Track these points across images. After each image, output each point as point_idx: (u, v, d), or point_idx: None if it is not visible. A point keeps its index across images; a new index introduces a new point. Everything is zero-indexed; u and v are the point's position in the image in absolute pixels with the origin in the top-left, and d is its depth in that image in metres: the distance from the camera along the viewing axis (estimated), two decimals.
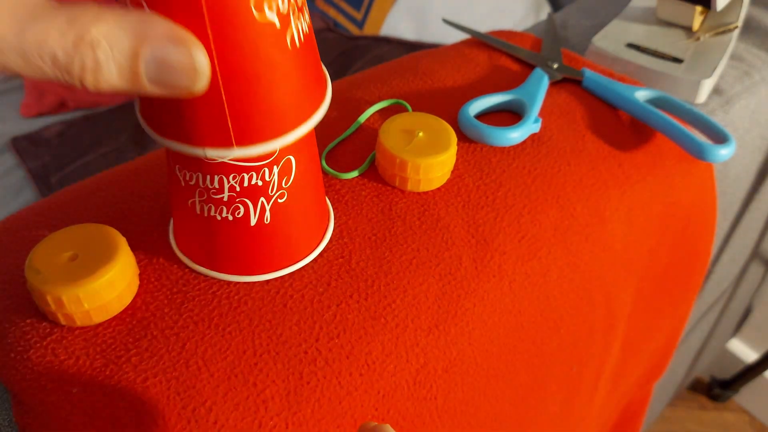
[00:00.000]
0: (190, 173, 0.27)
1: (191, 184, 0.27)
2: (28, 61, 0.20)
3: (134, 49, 0.20)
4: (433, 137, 0.37)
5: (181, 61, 0.21)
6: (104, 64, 0.20)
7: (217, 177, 0.26)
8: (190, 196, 0.28)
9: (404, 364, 0.31)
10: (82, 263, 0.28)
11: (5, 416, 0.27)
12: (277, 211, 0.29)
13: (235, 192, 0.27)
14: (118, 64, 0.20)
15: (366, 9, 0.95)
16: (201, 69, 0.21)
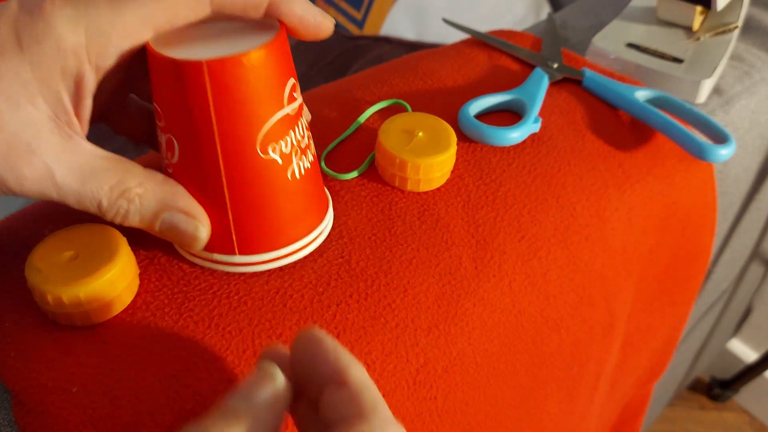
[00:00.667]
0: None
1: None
2: (81, 203, 0.27)
3: (157, 212, 0.28)
4: (433, 137, 0.37)
5: (188, 230, 0.28)
6: (132, 215, 0.28)
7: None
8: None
9: (404, 363, 0.31)
10: (83, 263, 0.28)
11: (5, 416, 0.27)
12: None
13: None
14: (141, 217, 0.28)
15: (366, 9, 0.95)
16: (200, 238, 0.29)
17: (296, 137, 0.29)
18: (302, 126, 0.29)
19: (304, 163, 0.30)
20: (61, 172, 0.26)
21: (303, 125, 0.29)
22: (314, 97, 0.44)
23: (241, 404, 0.22)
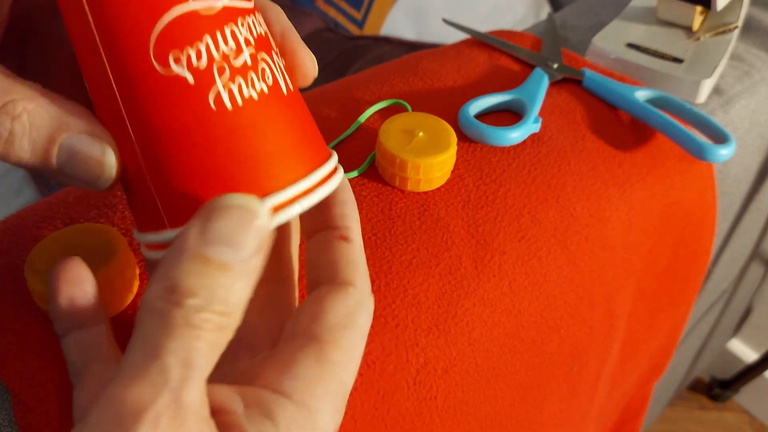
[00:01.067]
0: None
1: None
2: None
3: (53, 134, 0.20)
4: (433, 137, 0.37)
5: (92, 155, 0.20)
6: (18, 137, 0.20)
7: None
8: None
9: (404, 363, 0.31)
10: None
11: (5, 416, 0.27)
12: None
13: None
14: (32, 142, 0.20)
15: (366, 9, 0.95)
16: (108, 165, 0.21)
17: (224, 47, 0.20)
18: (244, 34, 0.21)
19: (246, 88, 0.21)
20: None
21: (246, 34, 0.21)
22: (314, 97, 0.44)
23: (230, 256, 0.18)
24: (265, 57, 0.21)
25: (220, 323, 0.18)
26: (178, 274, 0.18)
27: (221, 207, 0.18)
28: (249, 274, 0.18)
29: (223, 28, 0.20)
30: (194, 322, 0.17)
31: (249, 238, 0.18)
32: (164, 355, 0.17)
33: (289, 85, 0.22)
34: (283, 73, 0.22)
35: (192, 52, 0.20)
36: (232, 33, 0.20)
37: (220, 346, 0.18)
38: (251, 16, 0.21)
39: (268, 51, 0.21)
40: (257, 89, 0.21)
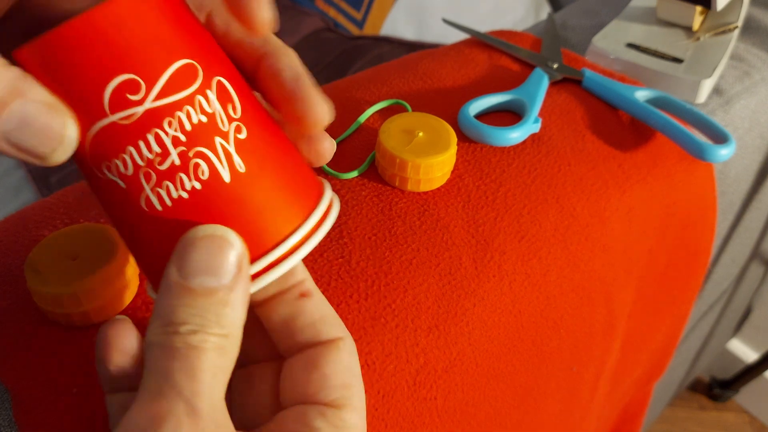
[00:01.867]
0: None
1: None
2: None
3: (3, 99, 0.18)
4: (433, 137, 0.37)
5: (51, 125, 0.19)
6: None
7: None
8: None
9: (404, 364, 0.31)
10: (82, 263, 0.28)
11: (5, 416, 0.27)
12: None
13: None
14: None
15: (366, 9, 0.95)
16: (68, 138, 0.19)
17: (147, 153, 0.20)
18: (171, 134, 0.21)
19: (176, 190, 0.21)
20: None
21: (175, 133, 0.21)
22: None
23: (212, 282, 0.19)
24: (202, 150, 0.21)
25: (219, 344, 0.19)
26: (168, 310, 0.19)
27: (193, 239, 0.20)
28: (237, 295, 0.19)
29: (146, 135, 0.20)
30: (193, 343, 0.19)
31: (226, 263, 0.19)
32: (173, 374, 0.18)
33: (237, 168, 0.21)
34: (229, 157, 0.21)
35: (119, 163, 0.21)
36: (156, 137, 0.20)
37: (224, 369, 0.19)
38: (187, 107, 0.21)
39: (208, 140, 0.21)
40: (187, 188, 0.21)
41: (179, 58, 0.20)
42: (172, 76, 0.20)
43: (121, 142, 0.20)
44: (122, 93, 0.20)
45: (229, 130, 0.21)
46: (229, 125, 0.21)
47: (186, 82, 0.21)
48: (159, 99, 0.20)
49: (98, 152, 0.21)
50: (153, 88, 0.20)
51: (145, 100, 0.20)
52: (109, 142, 0.20)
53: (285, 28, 0.95)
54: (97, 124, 0.20)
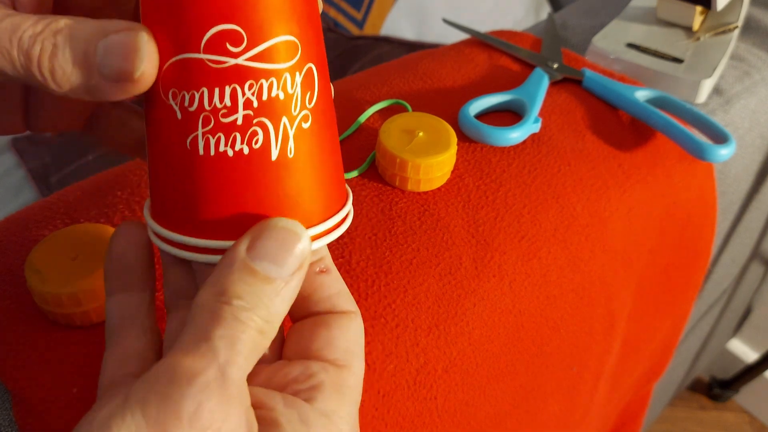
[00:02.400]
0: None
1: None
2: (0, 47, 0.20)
3: (92, 37, 0.20)
4: (433, 137, 0.37)
5: (126, 41, 0.20)
6: (61, 48, 0.20)
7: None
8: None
9: (404, 364, 0.31)
10: (82, 263, 0.28)
11: (5, 416, 0.27)
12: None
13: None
14: (73, 50, 0.20)
15: (366, 9, 0.95)
16: (142, 49, 0.20)
17: (218, 102, 0.21)
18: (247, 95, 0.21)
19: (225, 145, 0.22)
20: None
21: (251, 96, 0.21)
22: None
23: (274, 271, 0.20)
24: (265, 122, 0.22)
25: (261, 327, 0.20)
26: (228, 282, 0.20)
27: (270, 227, 0.21)
28: (289, 289, 0.21)
29: (224, 85, 0.21)
30: (240, 317, 0.19)
31: (292, 258, 0.21)
32: (213, 339, 0.19)
33: (288, 151, 0.22)
34: (286, 139, 0.22)
35: (187, 95, 0.21)
36: (233, 92, 0.21)
37: (258, 349, 0.20)
38: (273, 79, 0.21)
39: (275, 116, 0.22)
40: (236, 149, 0.22)
41: (287, 33, 0.21)
42: (275, 46, 0.21)
43: (199, 80, 0.21)
44: (223, 39, 0.21)
45: (297, 116, 0.22)
46: (300, 111, 0.22)
47: (283, 56, 0.21)
48: (253, 60, 0.21)
49: (173, 77, 0.21)
50: (253, 48, 0.21)
51: (240, 56, 0.21)
52: (189, 74, 0.21)
53: None
54: (186, 54, 0.21)
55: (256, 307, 0.20)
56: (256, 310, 0.20)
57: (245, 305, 0.20)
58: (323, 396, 0.22)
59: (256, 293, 0.20)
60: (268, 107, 0.22)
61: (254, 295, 0.20)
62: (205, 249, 0.22)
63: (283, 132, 0.22)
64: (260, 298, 0.20)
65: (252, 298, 0.20)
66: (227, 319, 0.19)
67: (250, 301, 0.20)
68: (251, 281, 0.20)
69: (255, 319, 0.20)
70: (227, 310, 0.19)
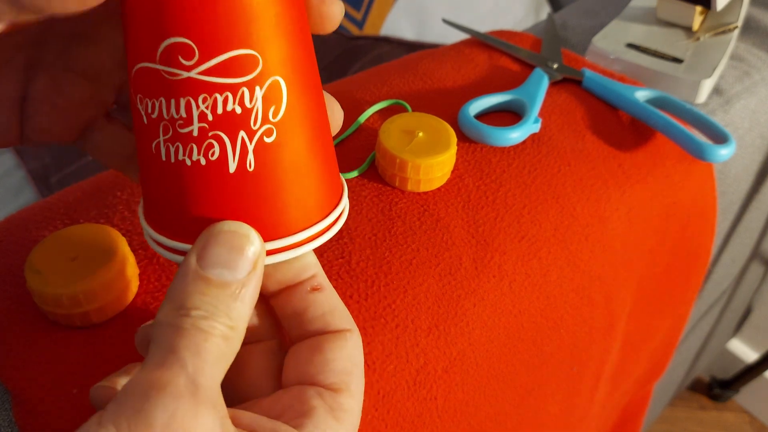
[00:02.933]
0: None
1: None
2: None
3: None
4: (433, 137, 0.37)
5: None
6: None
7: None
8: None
9: (404, 364, 0.31)
10: (82, 263, 0.28)
11: (5, 416, 0.27)
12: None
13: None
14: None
15: (366, 9, 0.95)
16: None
17: (174, 113, 0.21)
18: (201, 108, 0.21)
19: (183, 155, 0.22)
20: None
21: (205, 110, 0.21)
22: None
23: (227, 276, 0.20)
24: (221, 135, 0.22)
25: (224, 333, 0.20)
26: (184, 295, 0.20)
27: (216, 233, 0.21)
28: (247, 292, 0.20)
29: (179, 97, 0.21)
30: (201, 327, 0.19)
31: (243, 260, 0.21)
32: (179, 350, 0.19)
33: (247, 165, 0.22)
34: (244, 153, 0.22)
35: (149, 102, 0.22)
36: (187, 104, 0.21)
37: (226, 356, 0.20)
38: (228, 93, 0.21)
39: (231, 130, 0.22)
40: (193, 159, 0.22)
41: (244, 47, 0.21)
42: (228, 60, 0.21)
43: (157, 89, 0.21)
44: (176, 52, 0.21)
45: (258, 130, 0.22)
46: (262, 125, 0.22)
47: (239, 71, 0.21)
48: (204, 74, 0.21)
49: (139, 83, 0.22)
50: (205, 62, 0.21)
51: (192, 69, 0.21)
52: (149, 82, 0.21)
53: None
54: (146, 63, 0.21)
55: (215, 315, 0.20)
56: (216, 317, 0.20)
57: (204, 314, 0.20)
58: (315, 422, 0.22)
59: (212, 302, 0.20)
60: (223, 121, 0.21)
61: (211, 304, 0.20)
62: (170, 248, 0.23)
63: (241, 145, 0.22)
64: (217, 305, 0.20)
65: (209, 306, 0.20)
66: (189, 329, 0.19)
67: (209, 310, 0.20)
68: (206, 290, 0.20)
69: (216, 326, 0.20)
70: (188, 322, 0.20)
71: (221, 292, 0.20)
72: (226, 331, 0.20)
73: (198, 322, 0.20)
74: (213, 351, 0.19)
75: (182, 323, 0.20)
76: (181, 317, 0.20)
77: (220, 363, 0.20)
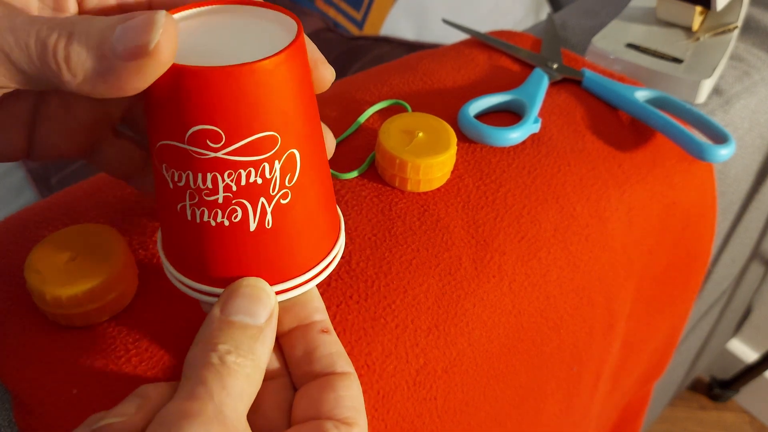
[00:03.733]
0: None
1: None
2: (17, 39, 0.21)
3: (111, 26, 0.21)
4: (433, 137, 0.37)
5: (143, 18, 0.21)
6: (77, 35, 0.21)
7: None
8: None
9: (404, 364, 0.31)
10: (82, 263, 0.28)
11: (5, 416, 0.27)
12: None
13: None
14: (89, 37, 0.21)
15: (366, 9, 0.95)
16: (159, 21, 0.21)
17: (201, 184, 0.24)
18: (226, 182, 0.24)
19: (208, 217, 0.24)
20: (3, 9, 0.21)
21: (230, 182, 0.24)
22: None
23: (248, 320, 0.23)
24: (244, 202, 0.24)
25: (248, 369, 0.22)
26: (210, 336, 0.23)
27: (238, 288, 0.24)
28: (266, 336, 0.23)
29: (206, 172, 0.23)
30: (227, 361, 0.22)
31: (262, 308, 0.24)
32: (207, 382, 0.21)
33: (266, 224, 0.25)
34: (263, 214, 0.25)
35: (175, 173, 0.24)
36: (214, 179, 0.24)
37: (249, 391, 0.22)
38: (251, 168, 0.24)
39: (253, 197, 0.24)
40: (218, 221, 0.24)
41: (266, 130, 0.23)
42: (251, 142, 0.23)
43: (185, 164, 0.23)
44: (204, 137, 0.23)
45: (276, 194, 0.25)
46: (279, 191, 0.25)
47: (261, 150, 0.23)
48: (230, 155, 0.23)
49: (165, 155, 0.24)
50: (231, 145, 0.23)
51: (219, 151, 0.23)
52: (177, 157, 0.23)
53: None
54: (174, 141, 0.23)
55: (239, 350, 0.22)
56: (240, 352, 0.22)
57: (229, 349, 0.22)
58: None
59: (236, 338, 0.23)
60: (246, 191, 0.24)
61: (235, 341, 0.22)
62: (190, 287, 0.26)
63: (261, 209, 0.25)
64: (240, 342, 0.22)
65: (234, 342, 0.22)
66: (215, 364, 0.22)
67: (234, 345, 0.22)
68: (229, 331, 0.23)
69: (240, 361, 0.22)
70: (215, 356, 0.22)
71: (243, 333, 0.23)
72: (248, 368, 0.22)
73: (225, 357, 0.22)
74: (238, 385, 0.22)
75: (210, 358, 0.22)
76: (209, 352, 0.22)
77: (244, 397, 0.22)
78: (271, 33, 0.24)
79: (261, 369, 0.23)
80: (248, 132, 0.23)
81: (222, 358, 0.22)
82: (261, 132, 0.23)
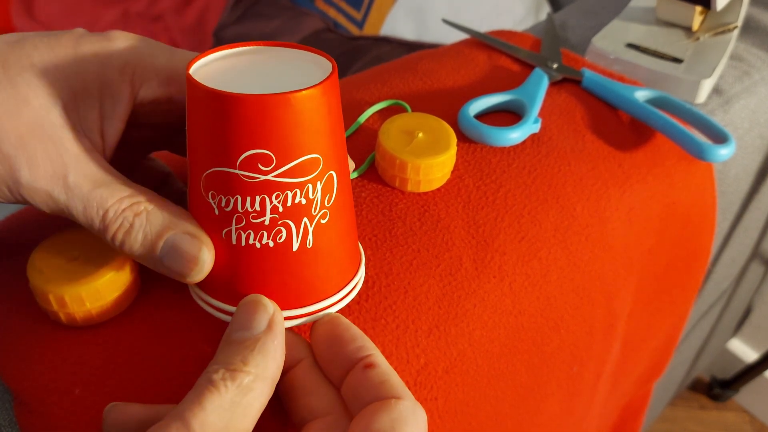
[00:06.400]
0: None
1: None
2: (86, 211, 0.25)
3: (162, 231, 0.26)
4: (433, 138, 0.37)
5: (191, 251, 0.25)
6: (136, 230, 0.26)
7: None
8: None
9: (405, 364, 0.31)
10: (85, 263, 0.28)
11: (6, 416, 0.27)
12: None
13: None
14: (144, 235, 0.26)
15: (366, 9, 0.95)
16: (203, 261, 0.26)
17: (249, 207, 0.25)
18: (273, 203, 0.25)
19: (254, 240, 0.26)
20: (75, 174, 0.25)
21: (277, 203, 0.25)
22: None
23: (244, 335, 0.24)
24: (289, 223, 0.26)
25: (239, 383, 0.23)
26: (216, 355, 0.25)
27: (239, 305, 0.26)
28: (264, 344, 0.24)
29: (255, 195, 0.25)
30: (213, 380, 0.23)
31: (256, 320, 0.25)
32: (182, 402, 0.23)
33: (307, 243, 0.26)
34: (305, 234, 0.26)
35: (223, 198, 0.25)
36: (262, 201, 0.25)
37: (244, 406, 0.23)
38: (297, 189, 0.25)
39: (298, 217, 0.26)
40: (263, 242, 0.26)
41: (311, 153, 0.25)
42: (299, 164, 0.25)
43: (234, 189, 0.25)
44: (256, 161, 0.24)
45: (317, 214, 0.26)
46: (320, 210, 0.26)
47: (307, 171, 0.25)
48: (280, 177, 0.25)
49: (213, 183, 0.25)
50: (280, 167, 0.25)
51: (270, 173, 0.25)
52: (226, 183, 0.25)
53: (285, 29, 0.95)
54: (224, 167, 0.25)
55: (229, 363, 0.23)
56: (230, 366, 0.23)
57: (218, 366, 0.23)
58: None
59: (230, 354, 0.24)
60: (291, 211, 0.25)
61: (227, 356, 0.24)
62: (222, 311, 0.27)
63: (304, 229, 0.26)
64: (233, 356, 0.23)
65: (224, 358, 0.24)
66: (200, 384, 0.23)
67: (223, 362, 0.23)
68: (227, 348, 0.24)
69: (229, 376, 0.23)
70: (203, 377, 0.23)
71: (238, 347, 0.24)
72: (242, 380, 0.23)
73: (211, 375, 0.23)
74: (215, 400, 0.22)
75: (199, 379, 0.23)
76: (209, 373, 0.23)
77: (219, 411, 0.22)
78: (300, 68, 0.26)
79: (264, 377, 0.23)
80: (297, 154, 0.25)
81: (210, 377, 0.23)
82: (307, 154, 0.25)
